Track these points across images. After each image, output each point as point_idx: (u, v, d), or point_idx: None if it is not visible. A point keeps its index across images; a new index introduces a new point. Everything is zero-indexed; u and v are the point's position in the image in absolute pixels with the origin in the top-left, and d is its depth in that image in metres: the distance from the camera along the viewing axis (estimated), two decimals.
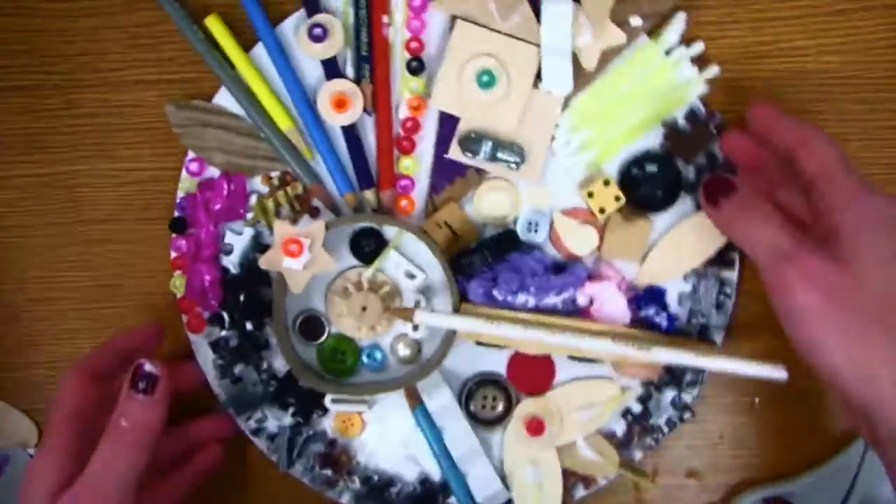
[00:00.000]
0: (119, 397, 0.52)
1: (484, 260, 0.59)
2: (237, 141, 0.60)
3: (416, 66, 0.60)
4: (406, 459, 0.62)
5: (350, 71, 0.60)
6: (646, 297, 0.60)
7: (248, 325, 0.61)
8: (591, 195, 0.60)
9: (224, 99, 0.60)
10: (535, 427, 0.60)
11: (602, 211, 0.60)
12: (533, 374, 0.62)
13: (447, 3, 0.59)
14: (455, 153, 0.60)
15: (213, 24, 0.60)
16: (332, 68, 0.60)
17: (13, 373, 0.63)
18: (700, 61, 0.60)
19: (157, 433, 0.52)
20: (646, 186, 0.60)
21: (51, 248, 0.62)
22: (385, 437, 0.62)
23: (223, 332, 0.61)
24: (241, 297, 0.60)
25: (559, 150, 0.60)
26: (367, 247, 0.60)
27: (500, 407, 0.62)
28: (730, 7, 0.61)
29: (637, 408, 0.62)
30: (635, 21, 0.59)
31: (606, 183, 0.59)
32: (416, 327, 0.61)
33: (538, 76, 0.59)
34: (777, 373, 0.56)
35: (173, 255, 0.61)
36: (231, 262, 0.61)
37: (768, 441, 0.64)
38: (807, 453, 0.63)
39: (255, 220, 0.60)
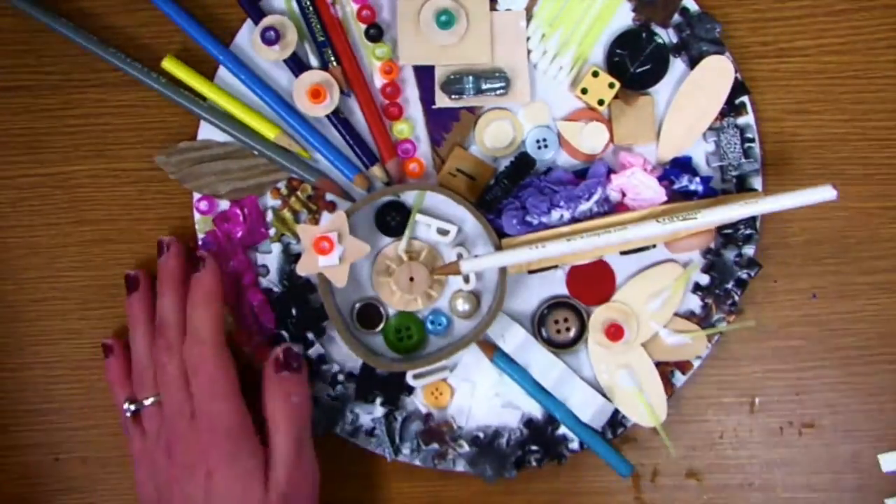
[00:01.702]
0: (271, 375, 0.58)
1: (506, 190, 0.59)
2: (234, 166, 0.60)
3: (374, 32, 0.59)
4: (504, 408, 0.62)
5: (314, 61, 0.60)
6: (674, 170, 0.60)
7: (309, 335, 0.61)
8: (584, 91, 0.59)
9: (207, 132, 0.60)
10: (614, 332, 0.60)
11: (601, 102, 0.59)
12: (593, 282, 0.61)
13: None
14: (442, 100, 0.60)
15: (171, 66, 0.60)
16: (296, 64, 0.60)
17: (13, 373, 0.63)
18: None
19: (311, 400, 0.59)
20: (634, 64, 0.60)
21: (51, 248, 0.63)
22: (476, 393, 0.62)
23: None
24: (293, 311, 0.61)
25: (539, 61, 0.60)
26: (393, 220, 0.60)
27: (574, 326, 0.61)
28: (730, 7, 0.61)
29: (704, 279, 0.61)
30: None
31: (595, 74, 0.59)
32: (466, 279, 0.61)
33: None
34: (826, 193, 0.55)
35: None
36: (271, 282, 0.61)
37: (768, 441, 0.64)
38: None
39: (279, 234, 0.61)
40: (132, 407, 0.58)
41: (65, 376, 0.63)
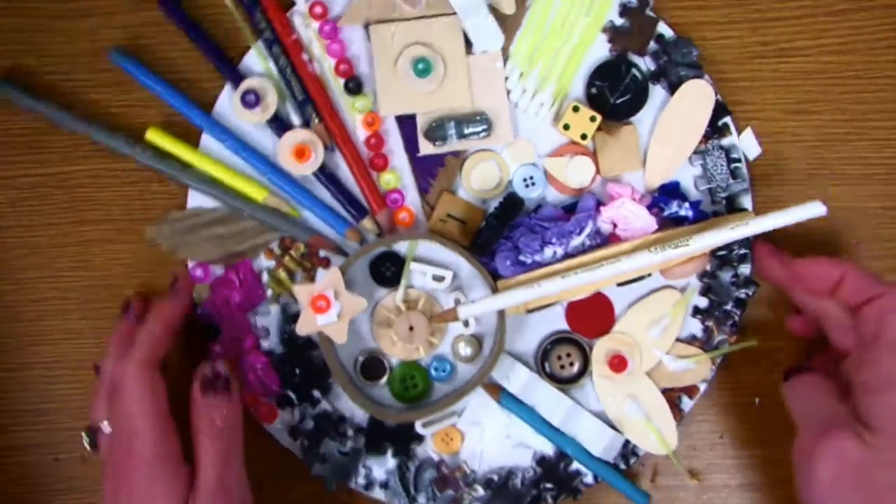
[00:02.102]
0: (196, 398, 0.55)
1: (497, 232, 0.59)
2: (226, 231, 0.60)
3: (353, 85, 0.60)
4: (515, 448, 0.62)
5: (296, 119, 0.60)
6: (663, 197, 0.60)
7: (316, 393, 0.61)
8: (567, 127, 0.59)
9: (196, 199, 0.61)
10: (618, 363, 0.60)
11: (584, 136, 0.59)
12: (592, 316, 0.61)
13: (352, 15, 0.59)
14: (426, 148, 0.60)
15: (155, 136, 0.60)
16: (279, 125, 0.60)
17: (13, 373, 0.63)
18: None
19: (242, 422, 0.56)
20: (614, 95, 0.60)
21: (51, 248, 0.63)
22: (486, 436, 0.62)
23: (297, 417, 0.61)
24: (297, 371, 0.61)
25: (519, 100, 0.60)
26: (388, 271, 0.60)
27: (577, 361, 0.61)
28: (730, 7, 0.61)
29: (703, 302, 0.61)
30: None
31: (576, 109, 0.59)
32: (466, 323, 0.61)
33: (468, 42, 0.59)
34: (816, 209, 0.55)
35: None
36: (273, 343, 0.61)
37: (768, 441, 0.64)
38: None
39: (276, 294, 0.61)
40: (86, 435, 0.57)
41: (65, 376, 0.63)
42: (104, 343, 0.61)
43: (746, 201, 0.60)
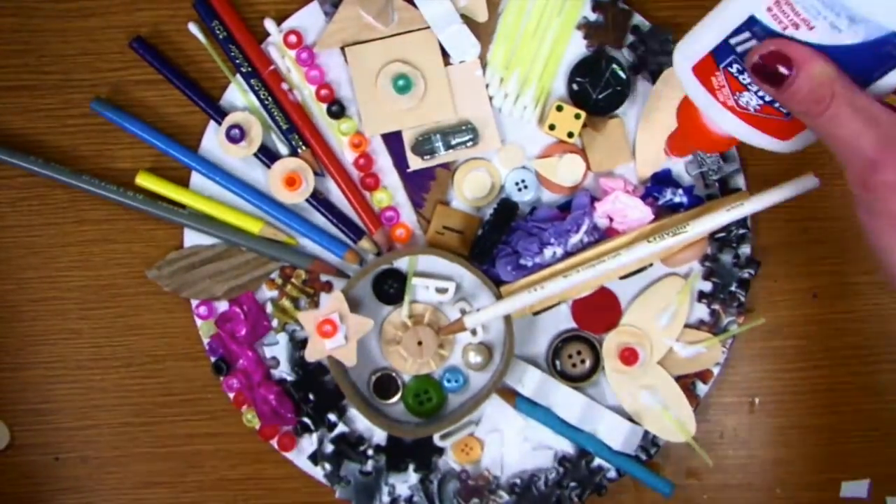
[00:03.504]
0: None
1: (495, 238, 0.59)
2: (225, 266, 0.60)
3: (336, 109, 0.60)
4: (535, 450, 0.62)
5: (283, 149, 0.60)
6: (656, 186, 0.60)
7: (332, 417, 0.61)
8: (552, 127, 0.59)
9: (193, 238, 0.61)
10: (629, 356, 0.60)
11: (571, 134, 0.59)
12: (598, 311, 0.61)
13: (327, 40, 0.59)
14: (415, 163, 0.60)
15: (146, 180, 0.60)
16: (267, 156, 0.60)
17: (13, 373, 0.63)
18: None
19: None
20: (596, 90, 0.60)
21: (50, 247, 0.63)
22: (505, 441, 0.62)
23: (316, 443, 0.62)
24: (311, 396, 0.61)
25: (503, 106, 0.60)
26: (391, 288, 0.61)
27: (588, 358, 0.61)
28: None
29: (707, 286, 0.61)
30: None
31: (560, 108, 0.59)
32: (474, 332, 0.61)
33: (445, 54, 0.59)
34: (809, 182, 0.55)
35: (231, 395, 0.61)
36: (284, 372, 0.61)
37: (768, 441, 0.64)
38: None
39: (282, 324, 0.61)
40: None
41: (65, 376, 0.63)
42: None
43: (739, 181, 0.60)
